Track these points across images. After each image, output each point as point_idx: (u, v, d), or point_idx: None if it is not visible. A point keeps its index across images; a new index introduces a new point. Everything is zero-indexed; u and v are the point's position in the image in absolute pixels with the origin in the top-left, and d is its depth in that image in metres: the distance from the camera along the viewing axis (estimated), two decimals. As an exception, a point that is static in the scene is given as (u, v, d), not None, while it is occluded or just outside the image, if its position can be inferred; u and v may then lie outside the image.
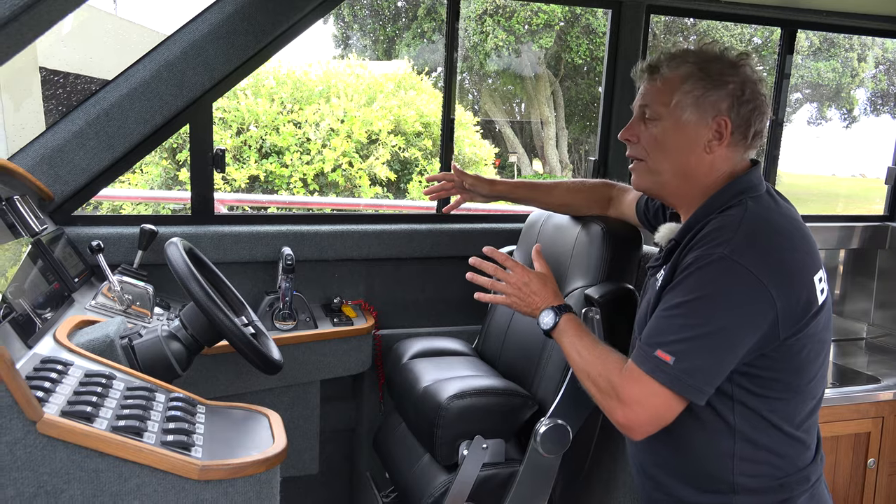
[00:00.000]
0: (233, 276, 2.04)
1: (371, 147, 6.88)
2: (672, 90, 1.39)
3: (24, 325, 1.42)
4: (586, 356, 1.42)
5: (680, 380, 1.27)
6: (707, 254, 1.29)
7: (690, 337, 1.27)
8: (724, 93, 1.37)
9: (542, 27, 14.62)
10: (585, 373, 1.40)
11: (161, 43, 2.10)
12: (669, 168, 1.43)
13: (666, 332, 1.30)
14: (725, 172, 1.41)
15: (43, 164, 2.02)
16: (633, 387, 1.31)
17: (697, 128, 1.38)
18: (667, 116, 1.40)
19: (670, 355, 1.27)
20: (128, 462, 1.14)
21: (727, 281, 1.26)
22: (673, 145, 1.41)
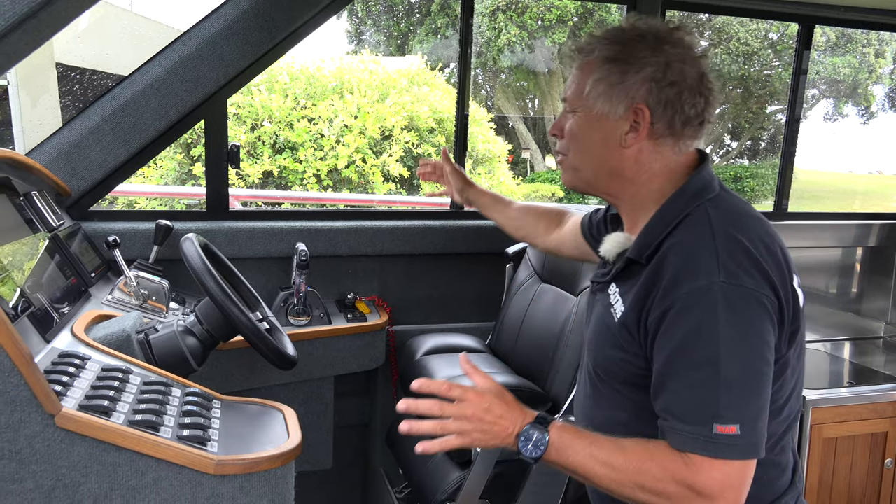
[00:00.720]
0: (247, 272, 2.05)
1: (384, 143, 6.88)
2: (585, 77, 1.24)
3: (42, 320, 1.43)
4: (619, 462, 1.12)
5: (753, 445, 1.08)
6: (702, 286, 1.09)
7: (740, 393, 1.08)
8: (642, 77, 1.19)
9: (555, 22, 14.57)
10: (632, 484, 1.11)
11: (176, 39, 2.11)
12: (590, 165, 1.27)
13: (712, 400, 1.08)
14: (659, 167, 1.24)
15: (60, 160, 2.03)
16: (711, 475, 1.07)
17: (610, 119, 1.22)
18: (580, 107, 1.25)
19: (734, 425, 1.07)
20: (144, 456, 1.15)
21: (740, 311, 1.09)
22: (588, 140, 1.25)
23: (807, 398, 2.31)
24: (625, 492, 1.12)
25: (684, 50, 1.20)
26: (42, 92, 5.57)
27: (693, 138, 1.24)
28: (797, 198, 3.09)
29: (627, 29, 1.24)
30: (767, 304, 1.10)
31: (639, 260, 1.22)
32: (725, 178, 16.16)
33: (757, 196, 16.17)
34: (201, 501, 1.19)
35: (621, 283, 1.26)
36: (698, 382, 1.09)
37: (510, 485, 1.76)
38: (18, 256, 1.54)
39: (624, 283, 1.25)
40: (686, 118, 1.21)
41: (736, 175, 16.21)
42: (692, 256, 1.13)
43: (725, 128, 18.87)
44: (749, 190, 16.05)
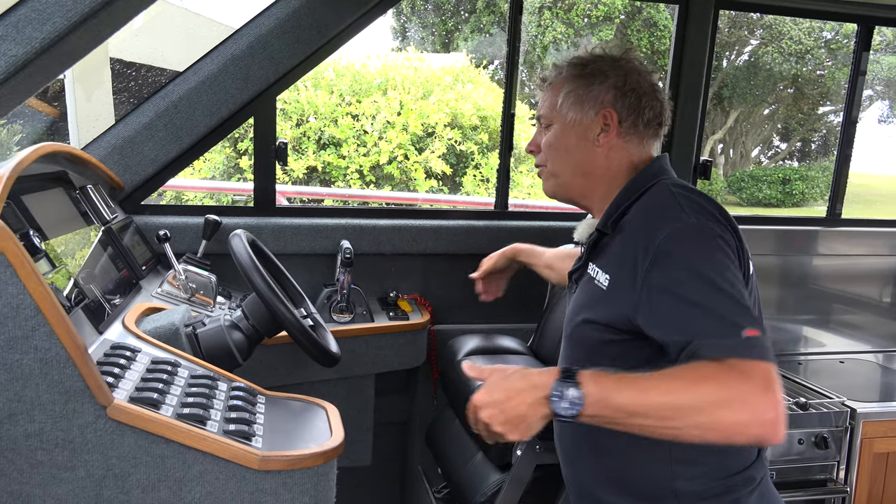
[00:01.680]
0: (292, 268, 2.07)
1: (427, 140, 6.89)
2: (556, 93, 1.44)
3: (96, 311, 1.47)
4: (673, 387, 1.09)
5: (770, 348, 1.12)
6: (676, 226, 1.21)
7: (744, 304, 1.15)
8: (606, 86, 1.40)
9: (601, 20, 14.42)
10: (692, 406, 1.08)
11: (228, 37, 2.14)
12: (567, 168, 1.45)
13: (729, 310, 1.13)
14: (625, 163, 1.42)
15: (114, 155, 2.08)
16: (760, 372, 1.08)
17: (583, 124, 1.41)
18: (556, 119, 1.44)
19: (756, 329, 1.12)
20: (191, 449, 1.17)
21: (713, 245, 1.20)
22: (564, 145, 1.44)
23: (857, 411, 2.24)
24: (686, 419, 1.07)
25: (636, 65, 1.43)
26: (96, 87, 5.72)
27: (654, 137, 1.44)
28: (848, 202, 3.00)
29: (585, 55, 1.45)
30: (730, 244, 1.22)
31: (604, 230, 1.37)
32: (773, 181, 15.80)
33: (806, 199, 15.77)
34: (245, 496, 1.21)
35: (596, 258, 1.39)
36: (711, 303, 1.15)
37: (550, 488, 1.75)
38: (74, 248, 1.58)
39: (598, 257, 1.38)
40: (647, 119, 1.41)
41: (784, 177, 15.84)
42: (657, 209, 1.29)
43: (774, 129, 18.45)
44: (798, 193, 15.67)
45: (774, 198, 15.73)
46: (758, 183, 15.93)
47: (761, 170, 16.97)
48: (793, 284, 2.88)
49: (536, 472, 1.74)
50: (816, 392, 2.37)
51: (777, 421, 1.06)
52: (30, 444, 1.12)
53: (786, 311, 2.89)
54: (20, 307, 1.08)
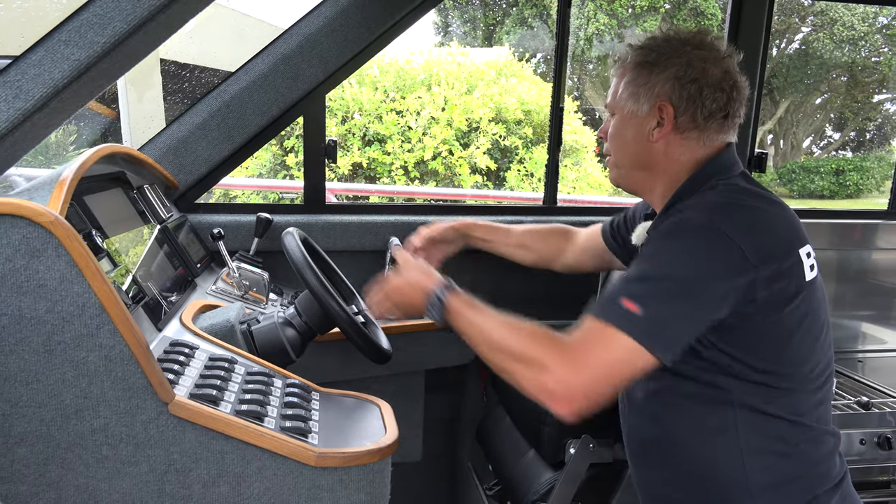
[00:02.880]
0: (341, 265, 2.08)
1: (471, 135, 6.88)
2: (619, 82, 1.39)
3: (154, 309, 1.50)
4: (493, 324, 1.26)
5: (650, 332, 1.12)
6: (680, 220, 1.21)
7: (662, 289, 1.15)
8: (665, 76, 1.32)
9: (646, 10, 14.19)
10: (500, 342, 1.23)
11: (278, 37, 2.16)
12: (626, 161, 1.41)
13: (633, 283, 1.18)
14: (687, 159, 1.35)
15: (169, 155, 2.12)
16: (589, 342, 1.14)
17: (638, 117, 1.35)
18: (616, 109, 1.40)
19: (638, 305, 1.13)
20: (250, 445, 1.19)
21: (704, 242, 1.17)
22: (622, 138, 1.39)
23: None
24: (492, 352, 1.25)
25: (707, 51, 1.32)
26: (147, 88, 5.86)
27: (719, 131, 1.35)
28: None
29: (657, 36, 1.37)
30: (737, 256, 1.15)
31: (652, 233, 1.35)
32: (825, 172, 15.37)
33: (861, 191, 15.29)
34: (302, 492, 1.22)
35: None
36: (633, 272, 1.20)
37: (604, 488, 1.73)
38: (132, 246, 1.62)
39: None
40: (708, 112, 1.32)
41: (837, 168, 15.38)
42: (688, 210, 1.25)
43: (827, 118, 17.93)
44: (852, 184, 15.20)
45: (827, 189, 15.31)
46: (809, 174, 15.52)
47: (813, 160, 16.53)
48: (851, 279, 2.79)
49: (590, 471, 1.72)
50: (878, 391, 2.29)
51: (556, 396, 1.13)
52: (95, 440, 1.15)
53: (843, 307, 2.80)
54: (85, 306, 1.11)
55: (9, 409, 1.12)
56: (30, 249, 1.08)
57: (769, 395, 1.24)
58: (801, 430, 1.26)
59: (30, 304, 1.09)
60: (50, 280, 1.09)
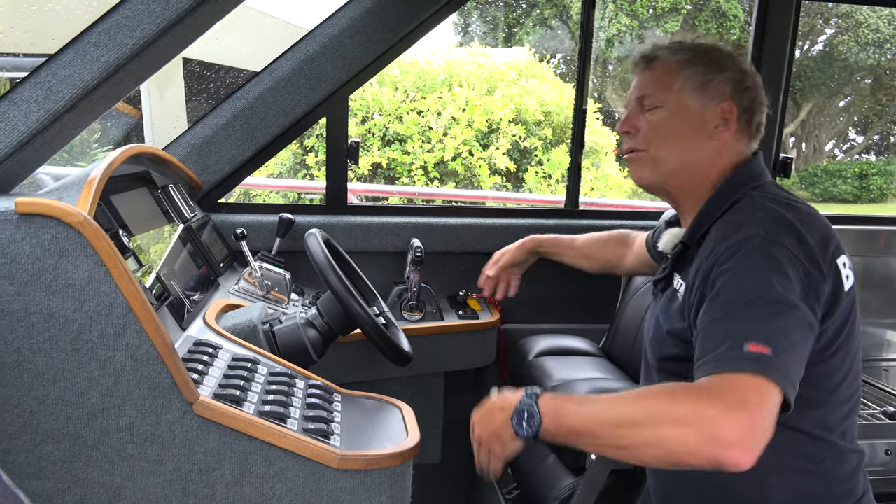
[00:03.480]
0: (363, 266, 2.08)
1: (491, 136, 6.87)
2: (673, 75, 1.33)
3: (178, 308, 1.51)
4: (627, 406, 1.08)
5: (784, 371, 1.03)
6: (740, 240, 1.16)
7: (777, 325, 1.06)
8: (725, 77, 1.31)
9: (667, 11, 14.09)
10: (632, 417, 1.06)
11: (302, 38, 2.17)
12: (674, 157, 1.33)
13: (745, 324, 1.07)
14: (728, 163, 1.32)
15: (193, 154, 2.14)
16: (739, 394, 1.00)
17: (702, 112, 1.31)
18: (668, 102, 1.32)
19: (766, 346, 1.03)
20: (273, 447, 1.19)
21: (774, 258, 1.12)
22: (676, 131, 1.32)
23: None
24: (633, 437, 1.05)
25: (749, 66, 1.35)
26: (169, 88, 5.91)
27: (757, 140, 1.36)
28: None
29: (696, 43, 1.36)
30: (800, 267, 1.13)
31: (690, 244, 1.31)
32: (849, 176, 15.17)
33: (885, 195, 15.08)
34: (324, 494, 1.22)
35: (679, 269, 1.34)
36: (729, 314, 1.10)
37: (625, 496, 1.72)
38: (156, 246, 1.63)
39: (682, 269, 1.32)
40: (758, 122, 1.34)
41: (861, 172, 15.18)
42: (736, 224, 1.20)
43: (850, 121, 17.70)
44: (876, 188, 14.99)
45: (850, 193, 15.11)
46: (832, 178, 15.33)
47: (836, 164, 16.33)
48: (876, 286, 2.75)
49: (611, 478, 1.71)
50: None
51: (736, 444, 0.98)
52: (121, 438, 1.16)
53: (868, 314, 2.76)
54: (113, 306, 1.12)
55: (36, 407, 1.13)
56: (59, 249, 1.10)
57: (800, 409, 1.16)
58: (825, 447, 1.23)
59: (58, 303, 1.11)
60: (78, 279, 1.11)
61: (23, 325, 1.11)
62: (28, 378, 1.12)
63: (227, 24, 5.34)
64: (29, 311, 1.10)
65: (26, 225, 1.09)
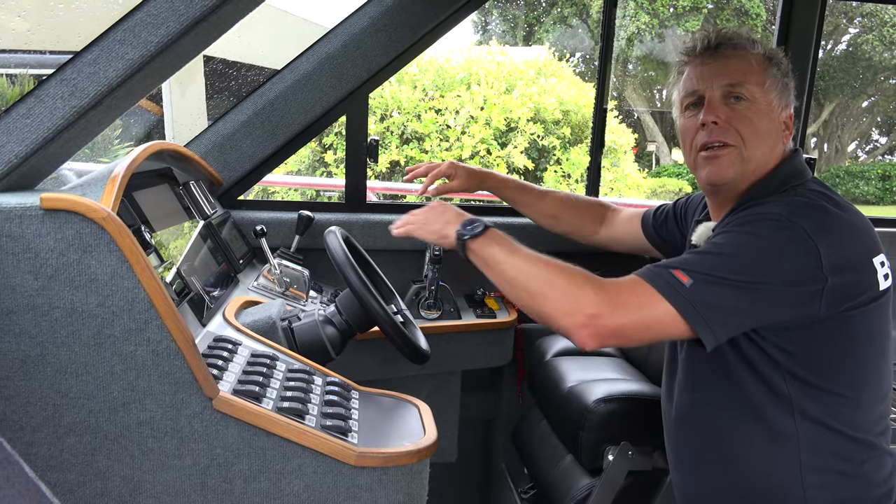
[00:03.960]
0: (381, 264, 2.09)
1: (509, 135, 6.86)
2: (763, 70, 1.28)
3: (198, 304, 1.52)
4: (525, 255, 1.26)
5: (692, 305, 1.10)
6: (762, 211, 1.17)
7: (721, 277, 1.11)
8: (793, 85, 1.33)
9: (688, 10, 13.99)
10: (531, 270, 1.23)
11: (323, 36, 2.17)
12: (761, 157, 1.29)
13: (691, 261, 1.15)
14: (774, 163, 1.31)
15: (214, 151, 2.15)
16: (629, 292, 1.14)
17: (780, 114, 1.29)
18: (761, 98, 1.27)
19: (689, 277, 1.11)
20: (291, 443, 1.20)
21: (780, 237, 1.13)
22: (765, 130, 1.28)
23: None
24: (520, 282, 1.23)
25: None
26: (190, 85, 5.96)
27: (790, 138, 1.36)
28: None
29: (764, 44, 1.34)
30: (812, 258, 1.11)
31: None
32: (871, 177, 14.98)
33: (909, 197, 14.89)
34: (342, 491, 1.23)
35: None
36: (698, 253, 1.17)
37: (642, 498, 1.71)
38: (177, 242, 1.64)
39: None
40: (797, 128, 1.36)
41: (884, 173, 14.98)
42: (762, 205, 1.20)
43: (873, 122, 17.47)
44: (899, 190, 14.80)
45: (873, 195, 14.94)
46: (854, 179, 15.16)
47: (858, 165, 16.13)
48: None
49: (629, 479, 1.70)
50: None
51: (587, 324, 1.12)
52: (141, 432, 1.17)
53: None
54: (135, 301, 1.13)
55: (59, 400, 1.14)
56: (83, 244, 1.11)
57: (833, 406, 1.19)
58: (863, 448, 1.22)
59: (81, 297, 1.12)
60: (101, 275, 1.12)
61: (46, 320, 1.12)
62: (51, 372, 1.13)
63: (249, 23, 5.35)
64: (53, 305, 1.12)
65: (51, 220, 1.10)
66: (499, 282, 1.29)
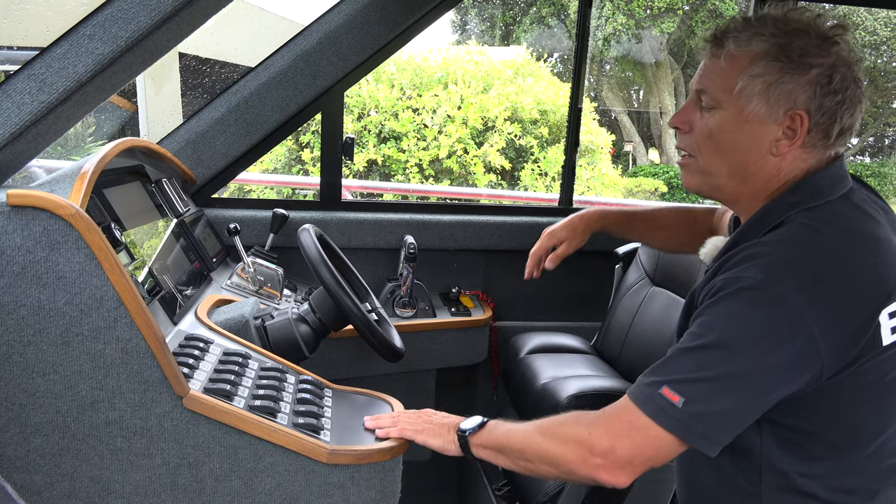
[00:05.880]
0: (356, 262, 2.09)
1: (487, 134, 6.87)
2: (737, 72, 1.10)
3: (170, 302, 1.51)
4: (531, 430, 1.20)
5: (688, 427, 1.04)
6: (736, 278, 1.04)
7: (707, 377, 1.03)
8: (805, 80, 1.07)
9: (664, 11, 14.10)
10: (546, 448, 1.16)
11: (298, 33, 2.16)
12: (724, 170, 1.15)
13: (678, 368, 1.06)
14: (795, 176, 1.13)
15: (188, 149, 2.13)
16: (624, 420, 1.08)
17: (764, 123, 1.09)
18: (727, 105, 1.11)
19: (679, 395, 1.04)
20: (263, 441, 1.20)
21: (759, 316, 1.02)
22: (730, 142, 1.13)
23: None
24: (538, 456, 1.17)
25: (851, 52, 1.08)
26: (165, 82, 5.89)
27: (842, 146, 1.14)
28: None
29: (785, 20, 1.09)
30: (798, 332, 1.00)
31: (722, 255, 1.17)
32: (843, 178, 15.22)
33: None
34: (314, 488, 1.22)
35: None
36: (680, 352, 1.08)
37: (613, 494, 1.72)
38: (149, 239, 1.63)
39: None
40: (842, 128, 1.10)
41: (855, 174, 15.22)
42: (745, 259, 1.07)
43: (846, 123, 17.74)
44: (870, 190, 15.07)
45: (845, 195, 15.16)
46: (827, 180, 15.38)
47: (831, 166, 16.37)
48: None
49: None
50: None
51: (604, 465, 1.08)
52: (110, 431, 1.16)
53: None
54: (104, 299, 1.12)
55: (26, 400, 1.13)
56: (50, 241, 1.09)
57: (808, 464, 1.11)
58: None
59: (49, 295, 1.11)
60: (69, 272, 1.10)
61: (13, 318, 1.10)
62: (18, 371, 1.12)
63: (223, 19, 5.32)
64: (19, 303, 1.10)
65: (18, 217, 1.09)
66: (514, 463, 1.25)
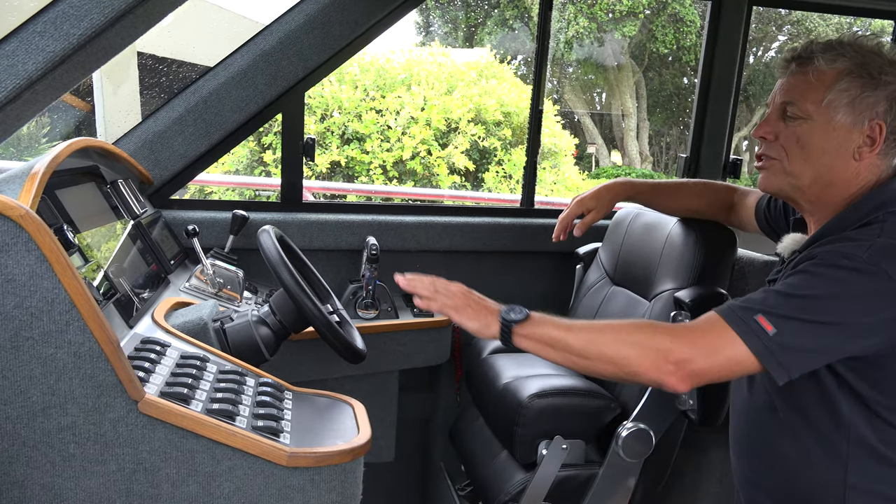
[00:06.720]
0: (318, 263, 2.07)
1: (450, 135, 6.89)
2: (825, 86, 1.25)
3: (125, 305, 1.48)
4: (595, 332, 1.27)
5: (772, 353, 1.14)
6: (839, 252, 1.17)
7: (802, 318, 1.14)
8: (884, 94, 1.23)
9: (626, 15, 14.28)
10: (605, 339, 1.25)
11: (258, 33, 2.14)
12: (810, 173, 1.29)
13: (773, 304, 1.16)
14: (869, 182, 1.28)
15: (144, 149, 2.10)
16: (710, 335, 1.17)
17: (850, 131, 1.25)
18: (816, 116, 1.26)
19: (772, 325, 1.14)
20: (221, 445, 1.18)
21: (863, 283, 1.14)
22: (818, 148, 1.27)
23: None
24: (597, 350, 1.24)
25: None
26: (123, 81, 5.78)
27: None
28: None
29: (858, 44, 1.27)
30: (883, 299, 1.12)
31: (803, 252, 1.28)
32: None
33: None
34: (273, 492, 1.21)
35: None
36: (781, 294, 1.18)
37: (575, 489, 1.74)
38: (104, 242, 1.60)
39: None
40: None
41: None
42: (849, 240, 1.19)
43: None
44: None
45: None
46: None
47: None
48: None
49: (562, 472, 1.73)
50: None
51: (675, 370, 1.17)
52: (62, 438, 1.13)
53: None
54: (55, 302, 1.09)
55: (-26, 406, 1.10)
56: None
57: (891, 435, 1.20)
58: None
59: (-3, 299, 1.08)
60: (19, 275, 1.08)
61: (-41, 322, 1.07)
62: None
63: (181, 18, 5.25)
64: None
65: (-36, 219, 1.06)
66: (565, 358, 1.30)
